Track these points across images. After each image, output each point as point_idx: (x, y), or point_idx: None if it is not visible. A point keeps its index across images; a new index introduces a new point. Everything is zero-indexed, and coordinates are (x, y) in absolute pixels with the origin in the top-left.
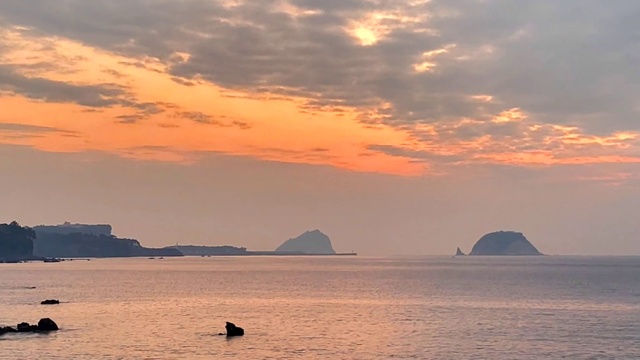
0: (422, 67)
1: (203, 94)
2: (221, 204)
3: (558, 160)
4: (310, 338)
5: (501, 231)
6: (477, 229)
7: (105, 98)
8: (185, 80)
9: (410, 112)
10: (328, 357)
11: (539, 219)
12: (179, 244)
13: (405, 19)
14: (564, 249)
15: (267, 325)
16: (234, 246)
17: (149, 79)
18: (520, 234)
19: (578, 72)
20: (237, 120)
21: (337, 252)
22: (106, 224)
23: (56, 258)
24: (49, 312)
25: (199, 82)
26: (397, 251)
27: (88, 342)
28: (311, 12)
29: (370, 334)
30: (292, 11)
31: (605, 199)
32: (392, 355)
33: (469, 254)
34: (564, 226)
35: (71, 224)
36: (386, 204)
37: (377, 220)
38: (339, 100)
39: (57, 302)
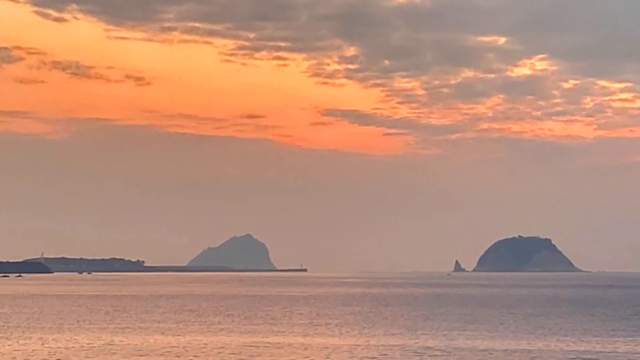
0: None
1: (81, 34)
2: (108, 197)
3: (604, 132)
4: None
5: (520, 236)
6: (484, 233)
7: None
8: (55, 14)
9: (386, 62)
10: None
11: (575, 218)
12: (45, 256)
13: None
14: (613, 262)
15: None
16: (127, 259)
17: (0, 12)
18: (549, 240)
19: (635, 2)
20: (131, 74)
21: (278, 268)
22: None
23: None
24: None
25: (75, 17)
26: (367, 266)
27: None
28: None
29: None
30: None
31: None
32: None
33: (473, 270)
34: (611, 229)
35: None
36: (351, 196)
37: (338, 221)
38: (282, 44)
39: None
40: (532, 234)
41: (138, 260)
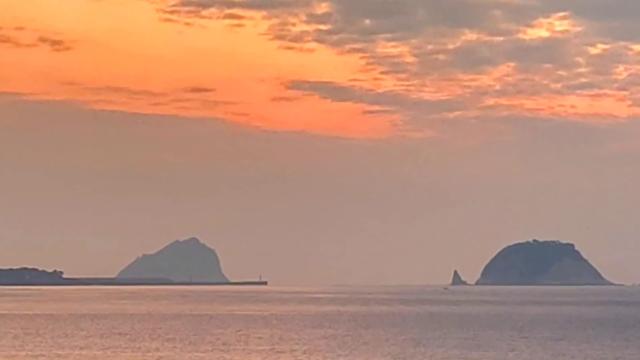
0: None
1: None
2: (17, 191)
3: None
4: None
5: (535, 241)
6: (490, 236)
7: None
8: None
9: (367, 21)
10: None
11: (604, 218)
12: None
13: None
14: None
15: None
16: (41, 269)
17: None
18: (572, 246)
19: None
20: (46, 36)
21: (231, 280)
22: None
23: None
24: None
25: None
26: (343, 278)
27: None
28: None
29: None
30: None
31: None
32: None
33: (476, 283)
34: None
35: None
36: (323, 190)
37: (306, 222)
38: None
39: None
40: (550, 238)
41: (55, 271)
